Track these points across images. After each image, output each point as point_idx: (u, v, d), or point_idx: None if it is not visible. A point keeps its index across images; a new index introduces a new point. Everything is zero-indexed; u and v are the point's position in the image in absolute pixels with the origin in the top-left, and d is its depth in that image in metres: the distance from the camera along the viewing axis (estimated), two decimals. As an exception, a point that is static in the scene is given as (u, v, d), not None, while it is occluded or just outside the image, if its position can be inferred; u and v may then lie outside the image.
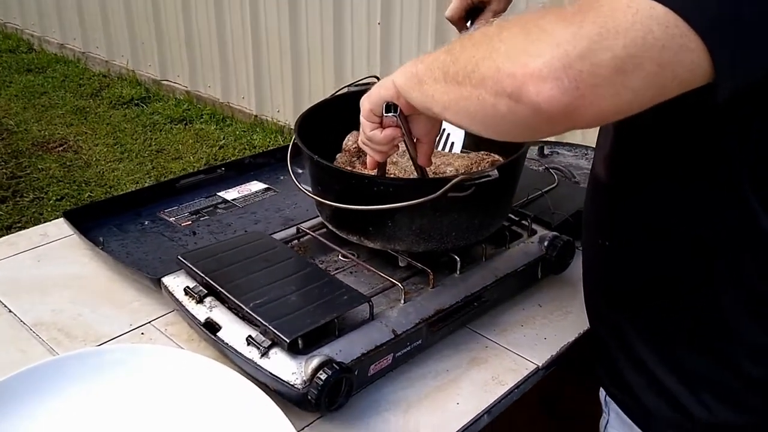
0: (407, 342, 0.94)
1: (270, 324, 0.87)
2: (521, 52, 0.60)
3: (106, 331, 1.02)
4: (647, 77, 0.58)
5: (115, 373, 0.88)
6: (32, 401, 0.84)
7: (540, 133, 0.69)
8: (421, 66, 0.76)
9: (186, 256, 1.01)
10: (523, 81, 0.60)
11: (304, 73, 3.76)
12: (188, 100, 4.45)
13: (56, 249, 1.21)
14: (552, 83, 0.58)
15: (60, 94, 4.63)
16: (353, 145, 1.10)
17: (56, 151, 3.84)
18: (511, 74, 0.61)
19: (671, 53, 0.57)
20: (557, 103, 0.59)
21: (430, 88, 0.73)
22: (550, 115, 0.60)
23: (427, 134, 0.89)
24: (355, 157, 1.10)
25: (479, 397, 0.93)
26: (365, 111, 0.87)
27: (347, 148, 1.10)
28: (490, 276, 1.05)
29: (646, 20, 0.57)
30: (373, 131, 0.87)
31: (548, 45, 0.59)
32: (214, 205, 1.32)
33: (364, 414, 0.89)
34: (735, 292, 0.75)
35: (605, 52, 0.57)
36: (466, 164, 1.07)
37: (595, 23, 0.57)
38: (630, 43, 0.57)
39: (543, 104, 0.59)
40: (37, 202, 3.31)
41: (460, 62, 0.67)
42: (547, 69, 0.58)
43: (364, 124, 0.88)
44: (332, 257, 1.10)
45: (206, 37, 4.17)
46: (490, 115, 0.65)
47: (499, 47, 0.63)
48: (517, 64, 0.60)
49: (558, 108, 0.59)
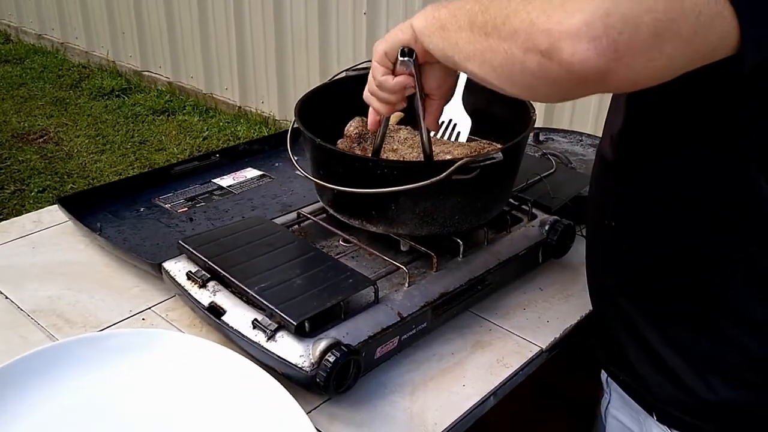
0: (413, 325, 0.94)
1: (276, 307, 0.86)
2: (558, 7, 0.58)
3: (106, 317, 1.00)
4: (682, 43, 0.57)
5: (119, 358, 0.87)
6: (34, 386, 0.83)
7: (567, 93, 0.67)
8: (444, 11, 0.73)
9: (187, 240, 1.00)
10: (558, 38, 0.57)
11: (288, 64, 3.74)
12: (170, 91, 4.40)
13: (50, 236, 1.19)
14: (589, 43, 0.56)
15: (39, 85, 4.56)
16: (354, 130, 1.09)
17: (37, 142, 3.79)
18: (546, 30, 0.58)
19: (707, 20, 0.57)
20: (592, 64, 0.57)
21: (453, 35, 0.71)
22: (583, 76, 0.58)
23: (439, 88, 0.87)
24: (356, 143, 1.09)
25: (485, 380, 0.93)
26: (378, 54, 0.83)
27: (348, 133, 1.10)
28: (493, 260, 1.05)
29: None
30: (384, 76, 0.84)
31: (588, 1, 0.56)
32: (210, 192, 1.31)
33: (370, 397, 0.89)
34: (743, 270, 0.75)
35: (646, 14, 0.55)
36: (465, 152, 1.07)
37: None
38: (670, 8, 0.56)
39: (577, 65, 0.57)
40: (18, 194, 3.26)
41: (490, 12, 0.65)
42: (585, 28, 0.56)
43: (375, 68, 0.85)
44: (333, 242, 1.10)
45: (188, 27, 4.13)
46: (517, 71, 0.63)
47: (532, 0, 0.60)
48: (552, 20, 0.58)
49: (592, 70, 0.57)
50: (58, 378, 0.84)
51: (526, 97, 0.70)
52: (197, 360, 0.88)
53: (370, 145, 1.07)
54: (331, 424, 0.85)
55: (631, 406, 0.90)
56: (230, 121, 4.03)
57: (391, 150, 1.09)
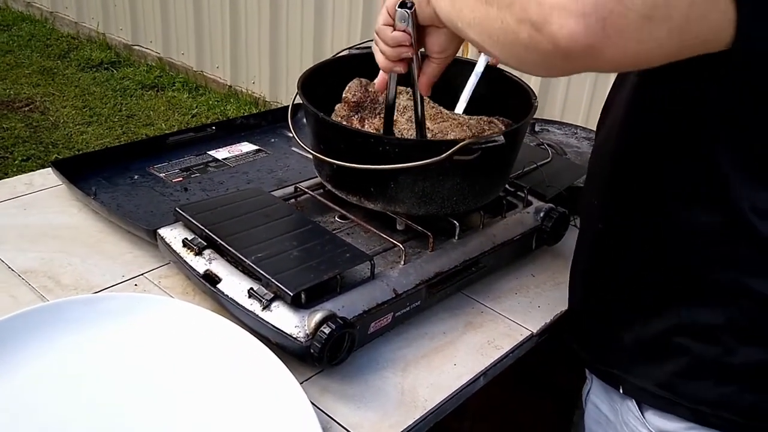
0: (407, 302, 0.94)
1: (273, 277, 0.86)
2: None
3: (97, 281, 1.00)
4: (672, 30, 0.58)
5: (112, 320, 0.87)
6: (25, 345, 0.83)
7: (556, 69, 0.67)
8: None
9: (184, 208, 1.00)
10: (549, 12, 0.58)
11: (281, 45, 3.71)
12: (160, 66, 4.35)
13: (43, 198, 1.18)
14: (577, 18, 0.56)
15: (26, 53, 4.49)
16: (353, 97, 1.08)
17: (22, 110, 3.73)
18: (539, 2, 0.59)
19: (700, 9, 0.57)
20: (579, 39, 0.57)
21: (460, 1, 0.72)
22: (569, 51, 0.58)
23: (441, 52, 0.87)
24: (354, 111, 1.08)
25: (475, 360, 0.93)
26: (389, 1, 0.84)
27: (346, 99, 1.08)
28: (488, 243, 1.05)
29: None
30: (384, 26, 0.85)
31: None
32: (205, 164, 1.30)
33: (362, 371, 0.89)
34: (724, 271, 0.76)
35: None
36: (464, 136, 1.06)
37: None
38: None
39: (563, 39, 0.58)
40: (2, 162, 3.22)
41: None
42: (575, 3, 0.56)
43: (381, 15, 0.86)
44: (329, 218, 1.09)
45: (181, 3, 4.08)
46: (510, 41, 0.64)
47: None
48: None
49: (578, 46, 0.58)
50: (48, 337, 0.84)
51: (519, 68, 0.70)
52: (191, 326, 0.88)
53: (369, 114, 1.06)
54: (322, 396, 0.85)
55: (610, 394, 0.92)
56: (220, 99, 4.00)
57: None
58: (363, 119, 1.06)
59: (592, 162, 0.94)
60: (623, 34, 0.57)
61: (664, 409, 0.82)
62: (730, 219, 0.72)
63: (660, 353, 0.83)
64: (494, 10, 0.65)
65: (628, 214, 0.84)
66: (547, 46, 0.60)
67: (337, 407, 0.84)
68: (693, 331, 0.79)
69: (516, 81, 1.13)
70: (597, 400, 0.96)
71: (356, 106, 1.06)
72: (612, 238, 0.87)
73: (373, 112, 1.06)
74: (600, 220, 0.89)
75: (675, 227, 0.78)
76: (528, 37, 0.61)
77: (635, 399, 0.86)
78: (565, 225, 1.14)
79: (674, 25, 0.58)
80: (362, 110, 1.06)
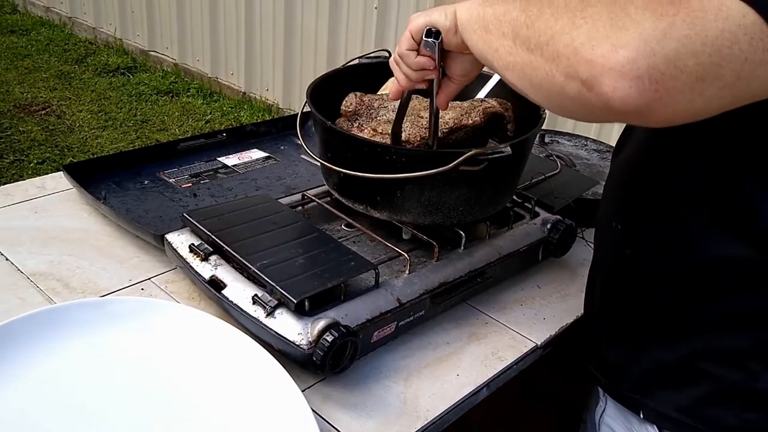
0: (411, 312, 0.94)
1: (277, 284, 0.86)
2: (604, 38, 0.57)
3: (105, 284, 1.00)
4: (724, 87, 0.57)
5: (117, 324, 0.87)
6: (31, 347, 0.83)
7: (601, 120, 0.66)
8: (490, 12, 0.72)
9: (192, 213, 1.00)
10: (600, 72, 0.57)
11: (296, 53, 3.74)
12: (176, 72, 4.39)
13: (54, 202, 1.19)
14: (631, 82, 0.56)
15: (44, 57, 4.54)
16: (349, 108, 1.08)
17: (39, 114, 3.78)
18: (589, 61, 0.58)
19: (752, 66, 0.56)
20: (631, 102, 0.57)
21: (495, 41, 0.70)
22: (621, 111, 0.58)
23: (463, 76, 0.87)
24: (351, 120, 1.08)
25: (479, 371, 0.93)
26: (413, 26, 0.83)
27: (343, 111, 1.09)
28: (494, 253, 1.05)
29: (734, 29, 0.55)
30: (408, 51, 0.85)
31: (635, 38, 0.56)
32: (215, 170, 1.31)
33: (365, 379, 0.89)
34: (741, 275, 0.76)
35: (691, 58, 0.55)
36: (456, 115, 1.04)
37: (686, 23, 0.55)
38: (715, 52, 0.55)
39: (616, 101, 0.57)
40: (17, 164, 3.25)
41: (535, 27, 0.64)
42: (629, 66, 0.56)
43: (404, 38, 0.85)
44: (336, 226, 1.10)
45: (198, 10, 4.12)
46: (555, 92, 0.63)
47: (580, 25, 0.60)
48: (597, 52, 0.57)
49: (630, 107, 0.57)
50: (55, 339, 0.85)
51: (560, 114, 0.70)
52: (195, 331, 0.88)
53: (365, 119, 1.06)
54: (324, 404, 0.85)
55: (628, 418, 0.90)
56: (234, 106, 4.03)
57: (389, 121, 1.07)
58: (361, 125, 1.06)
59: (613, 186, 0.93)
60: (675, 95, 0.57)
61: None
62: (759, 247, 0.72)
63: (683, 378, 0.82)
64: (538, 59, 0.64)
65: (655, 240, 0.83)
66: (596, 103, 0.59)
67: (338, 416, 0.84)
68: (718, 357, 0.78)
69: (525, 92, 1.13)
70: (613, 424, 0.94)
71: (353, 114, 1.07)
72: (637, 262, 0.86)
73: (370, 117, 1.06)
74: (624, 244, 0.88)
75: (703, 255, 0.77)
76: (576, 92, 0.61)
77: (656, 425, 0.85)
78: (572, 237, 1.14)
79: (726, 83, 0.57)
80: (359, 117, 1.06)
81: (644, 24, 0.56)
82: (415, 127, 1.00)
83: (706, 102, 0.58)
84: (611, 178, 0.94)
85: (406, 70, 0.87)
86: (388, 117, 1.06)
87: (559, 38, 0.61)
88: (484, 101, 1.07)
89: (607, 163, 1.39)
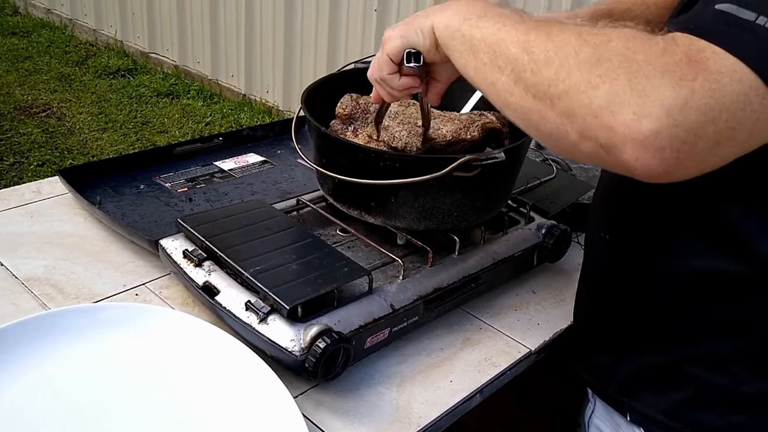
0: (404, 318, 0.94)
1: (270, 290, 0.87)
2: (625, 105, 0.56)
3: (99, 290, 1.01)
4: (737, 146, 0.58)
5: (110, 330, 0.88)
6: (25, 353, 0.83)
7: None
8: (477, 34, 0.68)
9: (186, 219, 1.01)
10: (622, 141, 0.57)
11: (296, 56, 3.74)
12: (176, 74, 4.40)
13: (49, 206, 1.19)
14: (654, 153, 0.56)
15: (45, 59, 4.55)
16: (344, 111, 1.08)
17: (39, 116, 3.78)
18: (610, 128, 0.57)
19: (763, 124, 0.57)
20: (653, 170, 0.57)
21: (488, 72, 0.67)
22: (639, 176, 0.59)
23: (449, 79, 0.86)
24: (346, 123, 1.07)
25: (472, 377, 0.93)
26: (390, 50, 0.79)
27: (338, 113, 1.08)
28: (488, 259, 1.05)
29: (747, 91, 0.55)
30: (390, 75, 0.81)
31: (656, 107, 0.55)
32: (211, 174, 1.31)
33: (358, 386, 0.89)
34: None
35: (710, 125, 0.56)
36: (454, 129, 1.03)
37: (704, 89, 0.55)
38: (731, 117, 0.56)
39: (638, 169, 0.58)
40: (17, 167, 3.26)
41: (543, 76, 0.61)
42: (652, 137, 0.56)
43: (383, 61, 0.81)
44: (330, 231, 1.10)
45: (198, 12, 4.13)
46: (565, 145, 0.62)
47: (597, 84, 0.58)
48: (618, 119, 0.57)
49: (651, 174, 0.58)
50: (48, 345, 0.85)
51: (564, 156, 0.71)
52: (188, 337, 0.88)
53: (361, 124, 1.06)
54: (316, 411, 0.85)
55: (615, 419, 0.91)
56: (234, 108, 4.03)
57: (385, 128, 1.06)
58: (356, 129, 1.05)
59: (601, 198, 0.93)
60: (694, 160, 0.58)
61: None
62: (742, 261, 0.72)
63: (668, 382, 0.82)
64: (547, 110, 0.61)
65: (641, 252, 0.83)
66: (614, 165, 0.59)
67: (331, 422, 0.84)
68: (703, 361, 0.78)
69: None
70: (601, 425, 0.95)
71: (348, 118, 1.06)
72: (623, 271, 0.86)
73: (365, 122, 1.06)
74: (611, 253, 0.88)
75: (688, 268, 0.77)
76: (592, 152, 0.60)
77: (643, 427, 0.85)
78: (567, 242, 1.14)
79: (739, 142, 0.58)
80: (354, 121, 1.06)
81: (665, 92, 0.55)
82: (412, 136, 1.00)
83: (720, 160, 0.59)
84: (599, 190, 0.94)
85: (391, 91, 0.84)
86: (384, 123, 1.06)
87: (575, 96, 0.59)
88: (482, 115, 1.07)
89: (604, 167, 1.39)
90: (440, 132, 1.02)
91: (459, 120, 1.04)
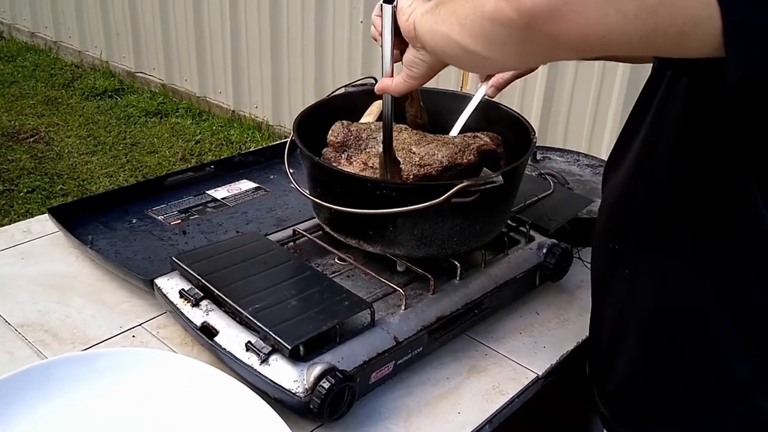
0: (408, 350, 0.93)
1: (270, 330, 0.85)
2: None
3: (95, 333, 0.98)
4: (643, 8, 0.53)
5: (107, 378, 0.85)
6: (21, 406, 0.81)
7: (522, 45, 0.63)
8: None
9: (181, 257, 0.98)
10: None
11: (283, 70, 3.72)
12: (164, 93, 4.37)
13: (41, 246, 1.17)
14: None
15: (31, 83, 4.51)
16: (336, 138, 1.06)
17: (27, 142, 3.75)
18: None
19: None
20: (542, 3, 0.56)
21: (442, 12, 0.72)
22: (532, 16, 0.57)
23: None
24: (339, 151, 1.05)
25: (480, 407, 0.91)
26: None
27: (330, 141, 1.06)
28: (490, 283, 1.03)
29: None
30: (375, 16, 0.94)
31: None
32: (204, 204, 1.29)
33: (364, 422, 0.87)
34: None
35: None
36: (449, 153, 1.02)
37: None
38: None
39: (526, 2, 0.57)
40: (7, 194, 3.22)
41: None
42: None
43: None
44: (328, 260, 1.08)
45: (183, 29, 4.10)
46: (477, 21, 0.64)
47: None
48: None
49: (540, 9, 0.56)
50: (44, 398, 0.82)
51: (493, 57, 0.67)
52: (188, 381, 0.86)
53: (354, 151, 1.04)
54: (323, 451, 0.83)
55: None
56: (223, 125, 4.00)
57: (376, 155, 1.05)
58: (350, 157, 1.04)
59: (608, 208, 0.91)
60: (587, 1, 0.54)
61: None
62: None
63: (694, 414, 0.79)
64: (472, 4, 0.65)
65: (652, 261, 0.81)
66: (511, 14, 0.59)
67: (338, 462, 0.82)
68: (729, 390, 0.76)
69: (515, 116, 1.11)
70: None
71: (341, 145, 1.04)
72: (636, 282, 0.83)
73: (359, 149, 1.04)
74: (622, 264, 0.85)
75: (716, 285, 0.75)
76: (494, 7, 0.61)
77: None
78: (568, 260, 1.13)
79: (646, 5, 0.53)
80: (348, 149, 1.04)
81: None
82: (407, 164, 0.99)
83: (623, 20, 0.54)
84: (605, 201, 0.92)
85: None
86: (378, 149, 1.05)
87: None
88: (476, 137, 1.05)
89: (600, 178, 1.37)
90: (435, 157, 1.00)
91: (453, 144, 1.03)
